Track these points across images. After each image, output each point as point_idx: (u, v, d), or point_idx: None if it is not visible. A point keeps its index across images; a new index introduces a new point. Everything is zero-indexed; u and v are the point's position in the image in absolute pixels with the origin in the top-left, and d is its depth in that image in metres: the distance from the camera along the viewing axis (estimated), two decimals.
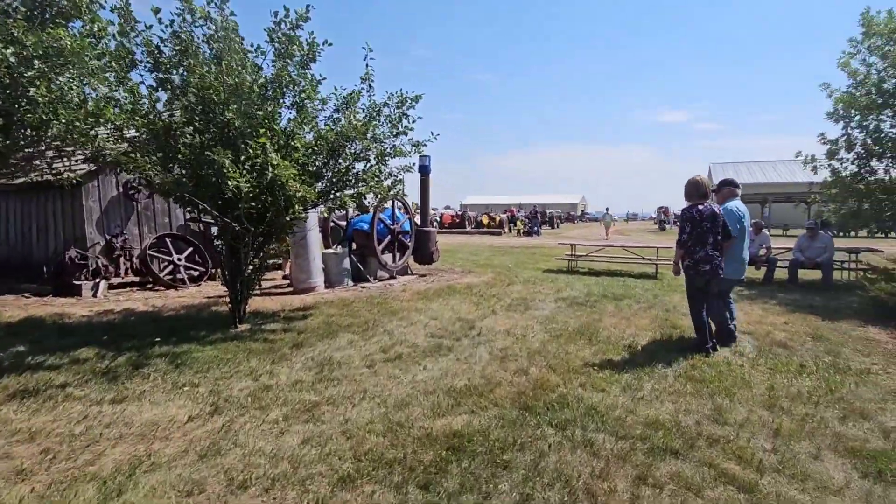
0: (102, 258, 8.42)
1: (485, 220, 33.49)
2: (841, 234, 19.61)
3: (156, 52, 4.68)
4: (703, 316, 4.75)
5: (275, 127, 5.28)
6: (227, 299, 5.74)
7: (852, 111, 9.05)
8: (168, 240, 9.32)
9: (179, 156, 4.92)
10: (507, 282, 9.45)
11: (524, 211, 42.39)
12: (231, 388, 3.80)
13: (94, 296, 7.99)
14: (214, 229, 10.40)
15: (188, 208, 5.60)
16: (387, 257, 9.92)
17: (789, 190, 30.77)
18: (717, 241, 4.68)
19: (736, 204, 5.07)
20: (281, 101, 5.50)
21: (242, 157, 4.70)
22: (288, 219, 5.08)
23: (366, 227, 9.55)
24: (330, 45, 5.42)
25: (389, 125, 6.06)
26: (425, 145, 6.64)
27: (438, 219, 34.64)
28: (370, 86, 5.97)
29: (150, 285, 9.00)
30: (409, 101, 6.02)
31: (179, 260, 9.27)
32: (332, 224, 10.61)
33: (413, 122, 6.43)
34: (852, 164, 9.34)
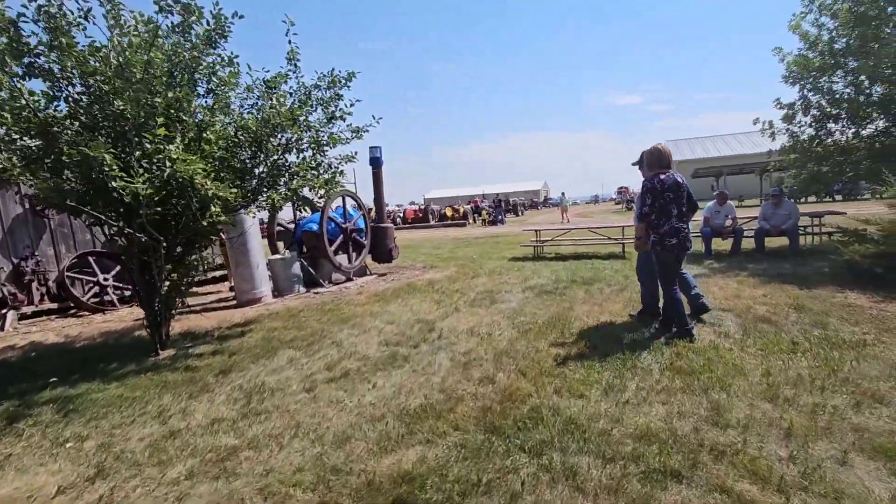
0: (10, 286, 7.32)
1: (448, 212, 32.92)
2: (793, 200, 20.10)
3: (11, 28, 3.77)
4: (677, 295, 4.32)
5: (184, 118, 4.46)
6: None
7: (806, 73, 8.90)
8: (91, 258, 8.26)
9: (64, 157, 4.05)
10: (471, 274, 8.87)
11: (487, 201, 42.08)
12: (129, 438, 3.04)
13: (1, 329, 6.92)
14: None
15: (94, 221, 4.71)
16: (341, 258, 9.17)
17: (742, 161, 31.60)
18: (682, 212, 4.30)
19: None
20: (193, 88, 4.68)
21: (137, 154, 3.88)
22: (205, 224, 4.29)
23: (315, 227, 8.76)
24: (241, 17, 4.62)
25: (322, 109, 5.33)
26: (367, 131, 5.95)
27: (402, 214, 33.86)
28: (296, 66, 5.21)
29: (73, 311, 7.95)
30: (343, 81, 5.30)
31: (106, 280, 8.24)
32: (279, 228, 9.75)
33: (350, 105, 5.74)
34: (810, 127, 9.22)
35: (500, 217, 27.67)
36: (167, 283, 4.70)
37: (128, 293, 8.63)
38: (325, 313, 6.32)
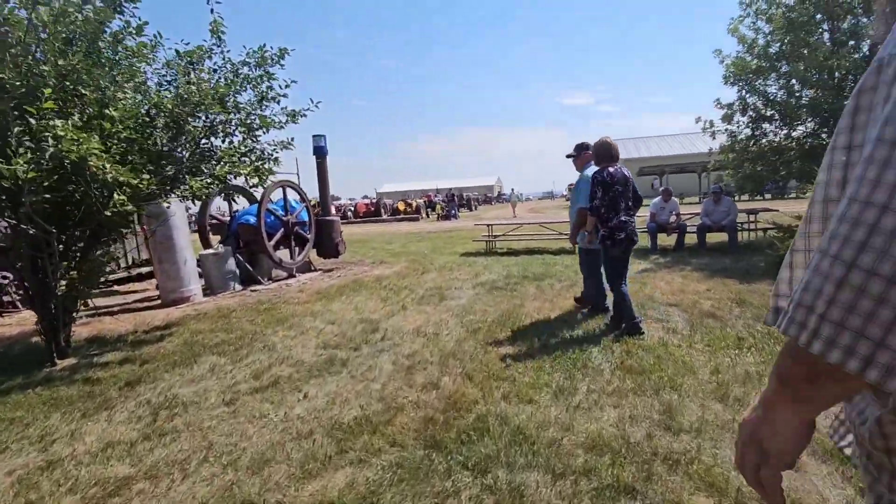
0: None
1: (401, 206, 32.42)
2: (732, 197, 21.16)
3: None
4: (625, 289, 4.24)
5: (83, 91, 3.85)
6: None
7: (744, 74, 9.22)
8: None
9: None
10: (421, 270, 8.57)
11: (441, 195, 41.88)
12: None
13: None
14: None
15: None
16: (282, 254, 8.59)
17: (684, 161, 33.14)
18: (629, 206, 4.25)
19: (592, 170, 4.59)
20: (96, 58, 4.05)
21: (17, 130, 3.27)
22: (108, 214, 3.72)
23: (252, 220, 8.14)
24: None
25: (252, 89, 4.83)
26: (304, 115, 5.49)
27: (353, 208, 32.99)
28: (220, 39, 4.68)
29: None
30: (273, 58, 4.82)
31: (5, 278, 7.26)
32: (212, 220, 9.00)
33: (286, 86, 5.26)
34: (747, 127, 9.58)
35: (453, 212, 27.52)
36: (64, 282, 4.06)
37: None
38: (261, 313, 5.81)
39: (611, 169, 4.20)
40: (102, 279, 4.86)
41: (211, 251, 7.76)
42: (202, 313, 6.00)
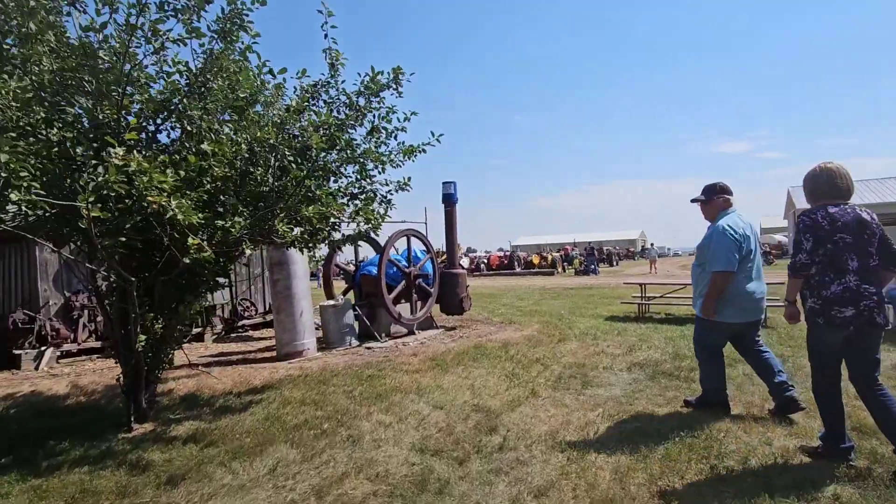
0: (56, 321, 6.96)
1: (535, 259, 30.90)
2: None
3: None
4: (837, 398, 2.70)
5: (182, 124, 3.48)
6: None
7: None
8: None
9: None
10: (557, 336, 7.04)
11: (579, 249, 39.34)
12: None
13: (37, 368, 6.46)
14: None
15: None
16: (402, 308, 7.86)
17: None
18: (867, 265, 2.55)
19: (732, 220, 3.43)
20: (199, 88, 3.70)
21: (93, 162, 2.89)
22: (187, 261, 3.16)
23: (374, 270, 7.61)
24: (263, 3, 3.63)
25: (360, 120, 4.16)
26: (423, 151, 4.68)
27: (486, 261, 32.49)
28: (332, 66, 4.13)
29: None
30: (388, 82, 4.11)
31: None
32: (336, 268, 8.76)
33: (405, 119, 4.53)
34: None
35: (592, 266, 25.09)
36: (144, 336, 3.60)
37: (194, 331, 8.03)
38: (363, 381, 4.91)
39: (832, 209, 2.58)
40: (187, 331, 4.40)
41: (330, 303, 7.33)
42: (305, 374, 5.33)
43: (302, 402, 4.27)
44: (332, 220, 4.05)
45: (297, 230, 4.02)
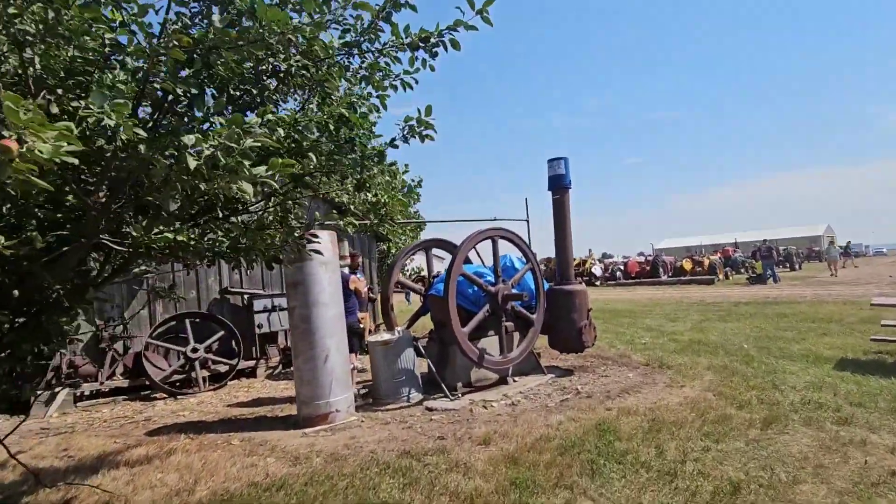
0: (81, 355, 5.96)
1: (686, 265, 25.48)
2: None
3: None
4: None
5: None
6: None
7: None
8: (189, 321, 6.60)
9: None
10: (754, 406, 3.88)
11: (742, 250, 32.06)
12: None
13: (44, 414, 5.42)
14: (260, 303, 7.56)
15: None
16: (490, 343, 5.38)
17: None
18: None
19: None
20: None
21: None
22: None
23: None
24: None
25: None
26: (439, 45, 2.22)
27: (622, 268, 27.88)
28: None
29: (148, 391, 6.24)
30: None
31: (196, 350, 6.39)
32: (399, 286, 6.57)
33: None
34: None
35: (769, 272, 19.17)
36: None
37: (223, 368, 6.66)
38: (396, 477, 2.56)
39: None
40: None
41: (380, 338, 5.16)
42: (318, 468, 3.17)
43: None
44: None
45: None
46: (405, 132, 2.54)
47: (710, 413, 3.82)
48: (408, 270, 15.92)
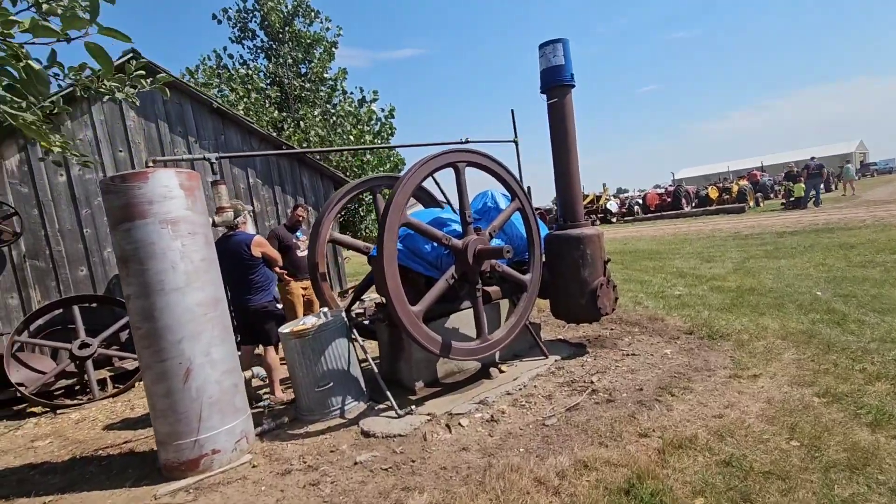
0: None
1: (713, 193, 23.14)
2: None
3: None
4: None
5: None
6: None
7: None
8: (76, 308, 5.02)
9: None
10: (886, 411, 2.14)
11: (768, 175, 29.29)
12: None
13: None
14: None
15: None
16: (460, 322, 3.68)
17: None
18: None
19: None
20: None
21: None
22: None
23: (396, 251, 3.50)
24: None
25: None
26: None
27: (640, 202, 25.60)
28: None
29: (23, 404, 4.76)
30: None
31: (85, 346, 4.85)
32: (333, 241, 4.79)
33: None
34: None
35: (814, 193, 16.72)
36: None
37: (132, 367, 5.15)
38: None
39: None
40: None
41: (295, 326, 3.48)
42: None
43: None
44: None
45: None
46: None
47: (827, 439, 2.10)
48: None
